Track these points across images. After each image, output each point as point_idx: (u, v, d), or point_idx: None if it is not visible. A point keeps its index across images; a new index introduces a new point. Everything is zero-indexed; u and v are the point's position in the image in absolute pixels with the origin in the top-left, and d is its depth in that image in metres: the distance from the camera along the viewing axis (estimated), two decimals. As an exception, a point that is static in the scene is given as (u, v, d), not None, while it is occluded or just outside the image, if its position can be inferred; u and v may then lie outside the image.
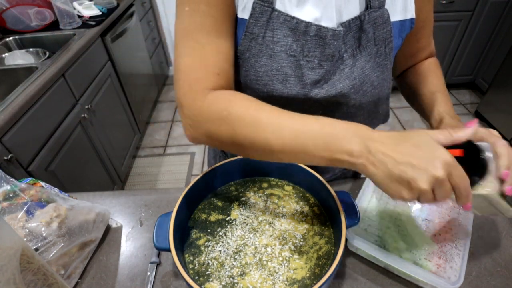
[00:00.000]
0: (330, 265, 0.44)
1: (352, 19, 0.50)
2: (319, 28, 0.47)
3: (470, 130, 0.39)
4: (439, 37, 2.41)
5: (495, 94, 2.25)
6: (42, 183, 0.64)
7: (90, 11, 1.83)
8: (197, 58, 0.46)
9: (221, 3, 0.46)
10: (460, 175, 0.35)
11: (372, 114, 0.62)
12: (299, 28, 0.47)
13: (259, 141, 0.41)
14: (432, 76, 0.63)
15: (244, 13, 0.48)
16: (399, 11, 0.54)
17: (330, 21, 0.49)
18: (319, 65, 0.50)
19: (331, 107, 0.56)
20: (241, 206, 0.60)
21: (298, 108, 0.50)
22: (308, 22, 0.47)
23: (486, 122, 2.36)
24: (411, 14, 0.55)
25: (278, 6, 0.47)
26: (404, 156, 0.35)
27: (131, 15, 2.16)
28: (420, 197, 0.36)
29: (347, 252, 0.61)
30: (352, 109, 0.57)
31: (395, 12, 0.53)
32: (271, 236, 0.54)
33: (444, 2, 2.22)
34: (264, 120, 0.41)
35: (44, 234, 0.53)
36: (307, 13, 0.48)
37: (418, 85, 0.64)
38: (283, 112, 0.42)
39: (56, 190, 0.64)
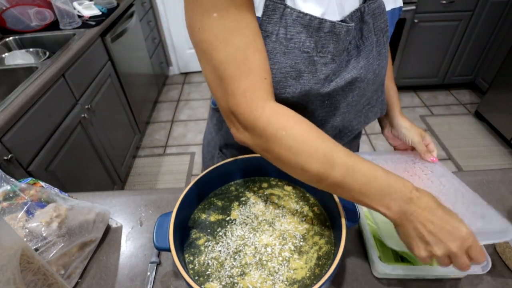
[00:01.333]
0: (330, 265, 0.44)
1: (354, 11, 0.51)
2: (334, 24, 0.48)
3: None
4: (439, 37, 2.41)
5: (495, 94, 2.25)
6: (42, 183, 0.64)
7: (90, 11, 1.83)
8: (241, 64, 0.45)
9: (247, 1, 0.45)
10: (478, 251, 0.41)
11: (372, 102, 0.65)
12: (312, 24, 0.47)
13: (321, 175, 0.44)
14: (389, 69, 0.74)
15: (257, 11, 0.48)
16: (391, 0, 0.58)
17: (333, 15, 0.50)
18: (332, 60, 0.51)
19: (337, 97, 0.58)
20: (241, 206, 0.60)
21: (305, 101, 0.55)
22: (322, 19, 0.47)
23: (486, 122, 2.36)
24: (399, 2, 0.60)
25: (289, 3, 0.47)
26: (434, 226, 0.41)
27: (131, 15, 2.16)
28: (433, 257, 0.43)
29: (347, 252, 0.61)
30: (356, 97, 0.59)
31: (388, 2, 0.57)
32: (271, 236, 0.54)
33: (444, 2, 2.22)
34: (337, 160, 0.43)
35: (44, 234, 0.53)
36: (312, 9, 0.48)
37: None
38: (351, 154, 0.44)
39: (56, 190, 0.64)
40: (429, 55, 2.51)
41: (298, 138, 0.44)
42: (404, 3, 2.18)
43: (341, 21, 0.50)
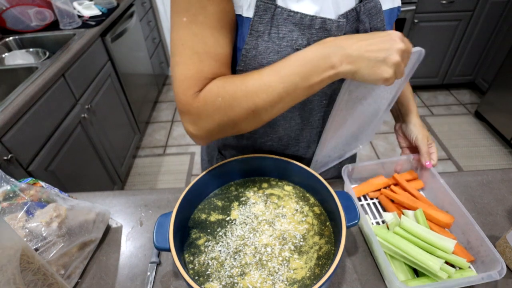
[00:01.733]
0: (330, 265, 0.44)
1: (349, 10, 0.51)
2: (324, 20, 0.49)
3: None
4: (439, 37, 2.41)
5: (495, 94, 2.25)
6: (42, 183, 0.64)
7: (90, 11, 1.83)
8: (194, 67, 0.49)
9: (219, 11, 0.47)
10: (408, 40, 0.46)
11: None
12: (303, 22, 0.48)
13: (257, 105, 0.47)
14: None
15: (249, 12, 0.48)
16: (389, 0, 0.58)
17: (329, 14, 0.50)
18: None
19: (334, 97, 0.58)
20: (241, 206, 0.60)
21: (303, 101, 0.55)
22: (313, 16, 0.48)
23: (486, 122, 2.37)
24: (397, 2, 0.59)
25: (280, 2, 0.48)
26: (373, 45, 0.44)
27: (131, 15, 2.16)
28: (396, 70, 0.45)
29: (347, 253, 0.61)
30: None
31: (385, 1, 0.56)
32: (271, 236, 0.54)
33: (444, 2, 2.22)
34: (252, 87, 0.47)
35: (44, 234, 0.53)
36: (307, 8, 0.49)
37: None
38: (264, 70, 0.48)
39: (56, 190, 0.64)
40: (429, 55, 2.51)
41: (231, 93, 0.48)
42: (404, 3, 2.18)
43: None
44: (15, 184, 0.58)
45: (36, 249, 0.52)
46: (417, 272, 0.56)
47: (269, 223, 0.56)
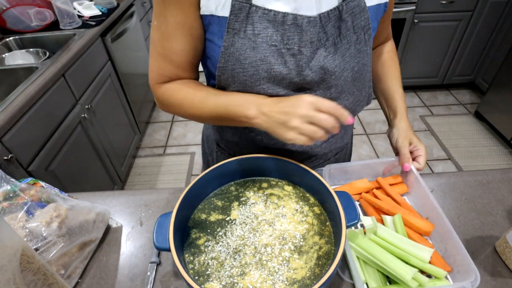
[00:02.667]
0: (330, 265, 0.44)
1: (331, 9, 0.53)
2: (295, 16, 0.51)
3: None
4: (439, 37, 2.41)
5: (495, 94, 2.25)
6: (42, 183, 0.64)
7: (90, 11, 1.83)
8: (157, 65, 0.60)
9: (177, 23, 0.54)
10: (325, 103, 0.49)
11: (355, 98, 0.65)
12: (277, 19, 0.51)
13: (193, 115, 0.61)
14: (392, 71, 0.78)
15: (223, 11, 0.52)
16: None
17: (309, 11, 0.52)
18: (299, 51, 0.54)
19: (316, 91, 0.59)
20: (241, 206, 0.60)
21: (285, 95, 0.58)
22: (285, 13, 0.51)
23: (486, 122, 2.37)
24: None
25: (255, 1, 0.51)
26: (280, 108, 0.51)
27: (131, 15, 2.16)
28: (301, 133, 0.49)
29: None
30: (334, 93, 0.60)
31: None
32: (271, 236, 0.54)
33: (444, 2, 2.22)
34: (191, 101, 0.59)
35: (44, 234, 0.53)
36: (282, 6, 0.51)
37: (383, 77, 0.78)
38: (206, 93, 0.59)
39: (56, 190, 0.64)
40: (429, 55, 2.51)
41: (179, 101, 0.61)
42: (404, 3, 2.18)
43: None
44: (15, 184, 0.58)
45: (36, 249, 0.52)
46: (390, 280, 0.55)
47: (269, 223, 0.56)
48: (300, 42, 0.53)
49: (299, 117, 0.49)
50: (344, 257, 0.57)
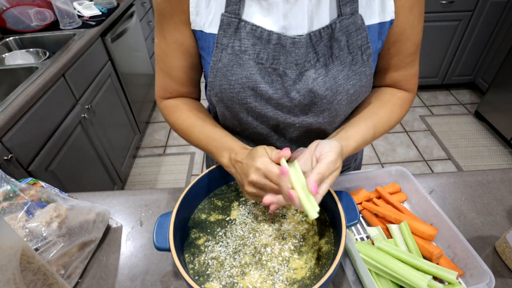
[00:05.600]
0: (330, 265, 0.44)
1: (323, 28, 0.49)
2: (279, 36, 0.49)
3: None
4: (439, 37, 2.41)
5: (495, 94, 2.25)
6: (42, 183, 0.64)
7: (90, 11, 1.83)
8: (160, 80, 0.63)
9: (175, 42, 0.56)
10: (272, 172, 0.46)
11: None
12: (263, 36, 0.50)
13: (184, 138, 0.65)
14: (385, 116, 0.59)
15: (210, 28, 0.52)
16: (377, 13, 0.51)
17: (300, 30, 0.50)
18: (284, 72, 0.52)
19: (307, 114, 0.56)
20: (241, 206, 0.60)
21: (273, 116, 0.57)
22: (270, 31, 0.49)
23: (486, 122, 2.37)
24: (390, 16, 0.52)
25: (245, 16, 0.50)
26: (240, 168, 0.52)
27: (131, 15, 2.16)
28: (252, 195, 0.51)
29: (346, 254, 0.61)
30: (327, 118, 0.57)
31: (372, 14, 0.51)
32: (270, 236, 0.54)
33: (444, 2, 2.22)
34: (185, 127, 0.62)
35: (44, 234, 0.53)
36: (274, 23, 0.49)
37: (370, 110, 0.59)
38: (196, 124, 0.61)
39: (56, 190, 0.64)
40: (429, 55, 2.51)
41: (173, 124, 0.65)
42: (404, 3, 2.18)
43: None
44: (15, 184, 0.58)
45: (36, 249, 0.52)
46: None
47: (269, 223, 0.56)
48: (285, 64, 0.51)
49: (247, 183, 0.50)
50: (356, 272, 0.57)
